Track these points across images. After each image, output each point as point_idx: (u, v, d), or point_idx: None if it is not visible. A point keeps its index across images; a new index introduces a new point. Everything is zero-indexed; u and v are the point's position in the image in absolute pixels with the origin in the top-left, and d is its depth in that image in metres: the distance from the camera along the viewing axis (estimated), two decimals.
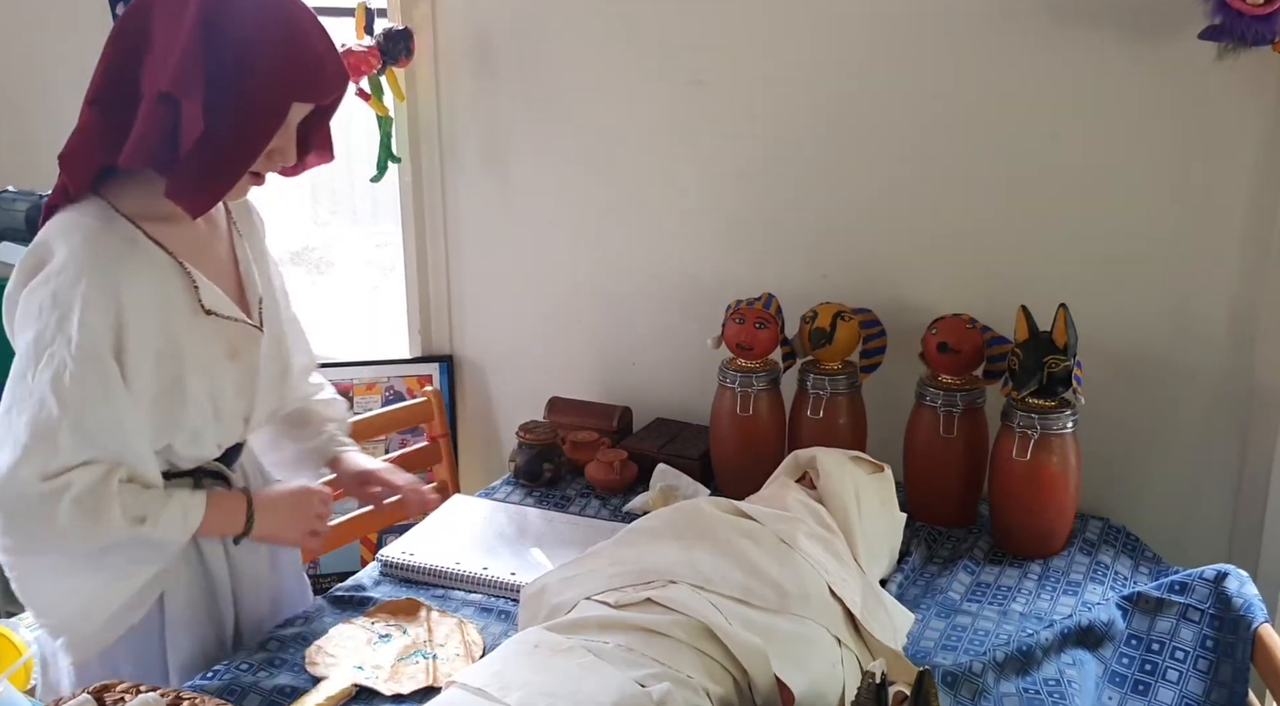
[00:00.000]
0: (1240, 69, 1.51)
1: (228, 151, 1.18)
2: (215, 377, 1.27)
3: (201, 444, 1.29)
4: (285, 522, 1.33)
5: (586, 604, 1.20)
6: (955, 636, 1.39)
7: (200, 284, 1.25)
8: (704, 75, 1.91)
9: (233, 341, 1.29)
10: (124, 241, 1.20)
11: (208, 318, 1.26)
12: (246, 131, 1.18)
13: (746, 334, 1.74)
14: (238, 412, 1.32)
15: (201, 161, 1.17)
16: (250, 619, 1.40)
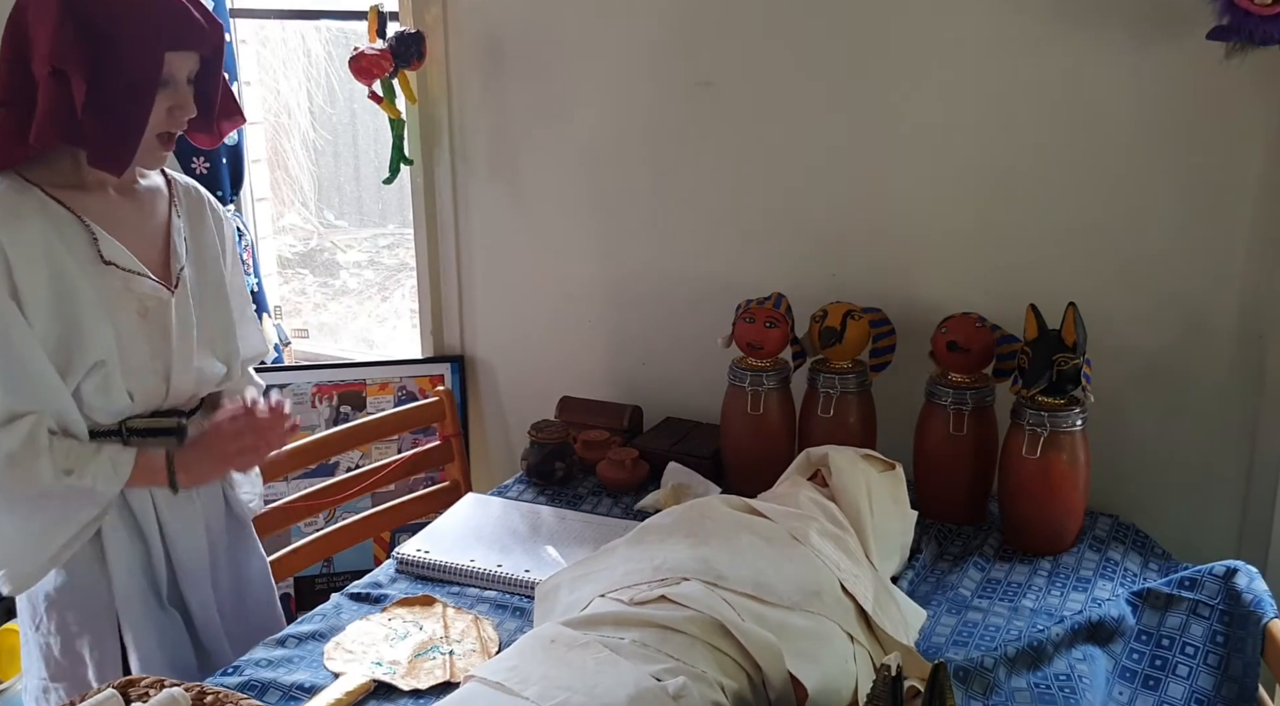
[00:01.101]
0: (1248, 69, 1.51)
1: (121, 111, 1.28)
2: (123, 329, 1.34)
3: (110, 391, 1.34)
4: (207, 463, 1.40)
5: (601, 601, 1.21)
6: (966, 632, 1.40)
7: (100, 237, 1.33)
8: (713, 76, 1.92)
9: (142, 299, 1.36)
10: (21, 200, 1.30)
11: (107, 268, 1.33)
12: (130, 88, 1.27)
13: (757, 333, 1.75)
14: (155, 372, 1.38)
15: (101, 125, 1.27)
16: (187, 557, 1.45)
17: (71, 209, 1.33)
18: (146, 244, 1.40)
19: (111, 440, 1.36)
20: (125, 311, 1.34)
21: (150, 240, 1.41)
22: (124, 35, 1.26)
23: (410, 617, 1.41)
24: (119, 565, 1.39)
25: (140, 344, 1.36)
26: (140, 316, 1.36)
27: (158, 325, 1.38)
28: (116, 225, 1.36)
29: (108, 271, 1.33)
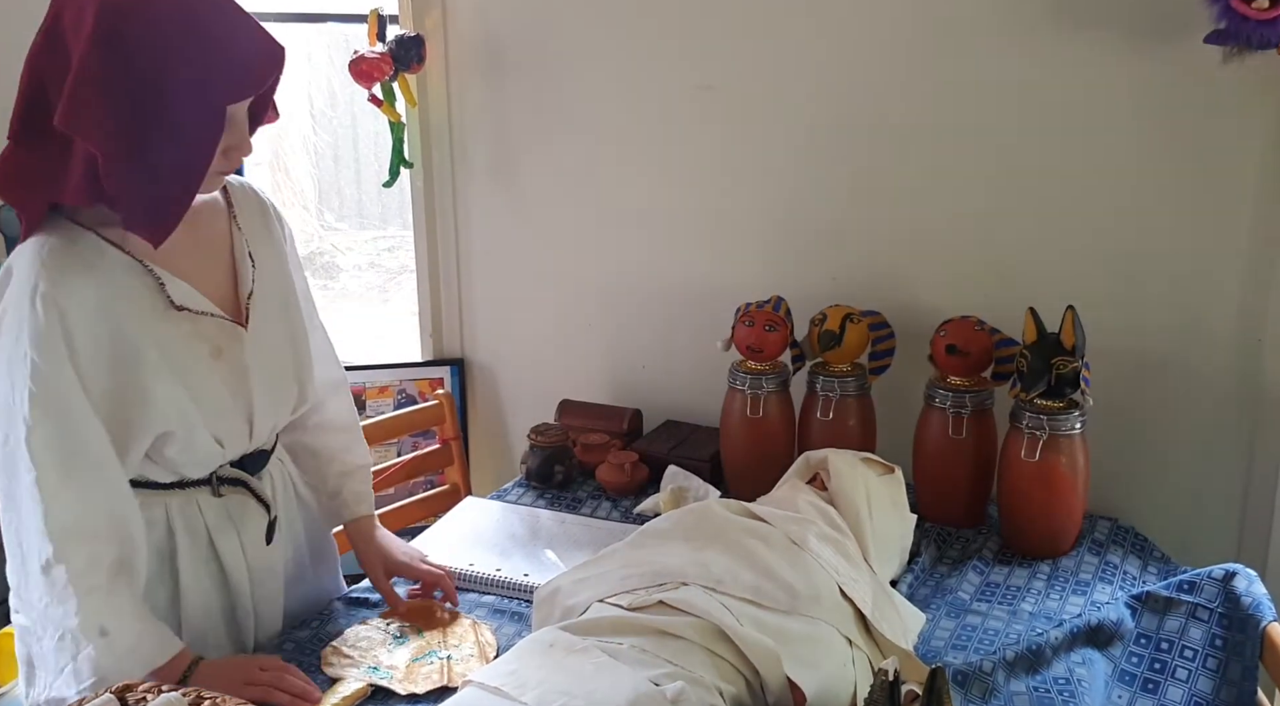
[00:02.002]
0: (1246, 73, 1.52)
1: (172, 174, 1.12)
2: (197, 377, 1.24)
3: (196, 446, 1.25)
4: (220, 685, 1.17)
5: (599, 606, 1.21)
6: (965, 636, 1.40)
7: (167, 281, 1.22)
8: (713, 80, 1.92)
9: (214, 339, 1.26)
10: (75, 250, 1.17)
11: (180, 314, 1.23)
12: (186, 150, 1.12)
13: (756, 336, 1.75)
14: (237, 412, 1.29)
15: (146, 191, 1.11)
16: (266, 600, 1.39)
17: (131, 253, 1.20)
18: (212, 276, 1.28)
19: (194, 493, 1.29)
20: (196, 357, 1.24)
21: (215, 270, 1.28)
22: (178, 93, 1.08)
23: (409, 622, 1.41)
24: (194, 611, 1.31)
25: (218, 388, 1.26)
26: (213, 358, 1.25)
27: (233, 364, 1.27)
28: (179, 261, 1.23)
29: (176, 318, 1.22)
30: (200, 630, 1.32)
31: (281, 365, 1.35)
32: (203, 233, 1.29)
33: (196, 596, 1.31)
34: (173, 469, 1.27)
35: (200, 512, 1.31)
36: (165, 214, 1.14)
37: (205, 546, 1.32)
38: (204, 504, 1.31)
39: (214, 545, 1.32)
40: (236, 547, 1.34)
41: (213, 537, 1.32)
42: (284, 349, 1.35)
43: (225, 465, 1.32)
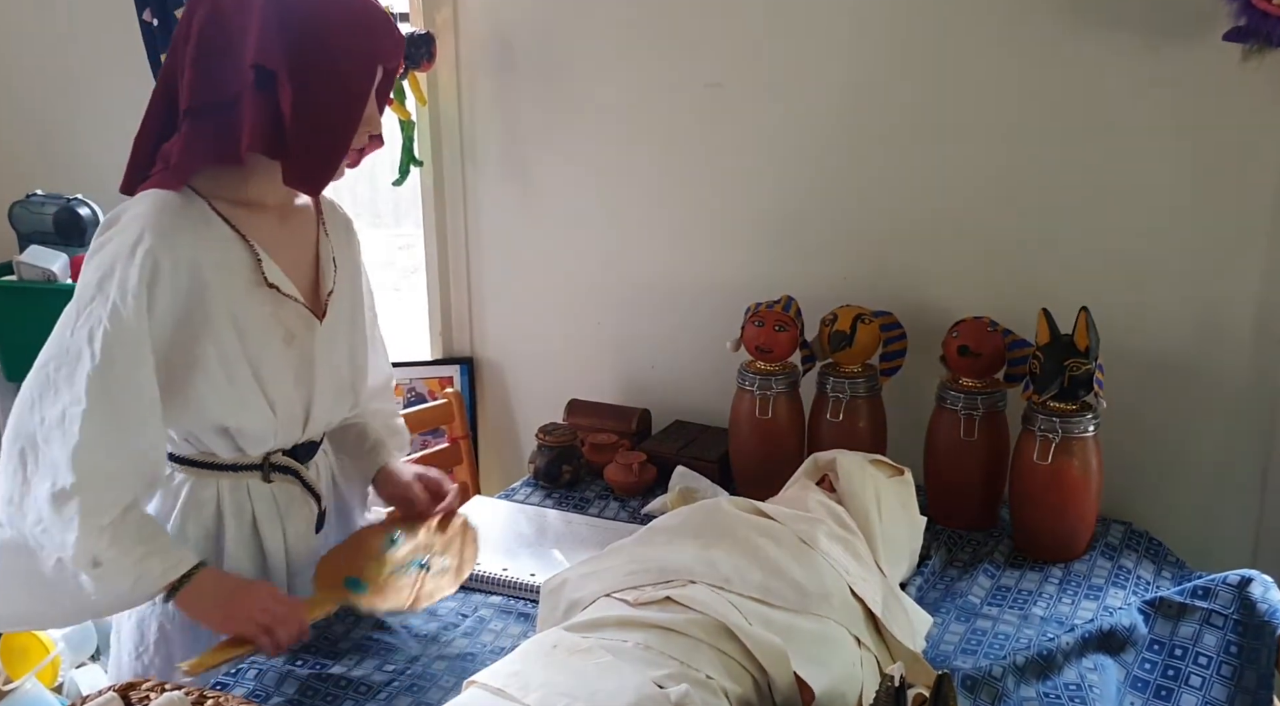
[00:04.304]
0: (1265, 70, 1.49)
1: (331, 123, 1.21)
2: (268, 357, 1.29)
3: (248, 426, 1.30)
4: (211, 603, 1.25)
5: (605, 602, 1.21)
6: (975, 640, 1.38)
7: (264, 259, 1.28)
8: (723, 78, 1.91)
9: (289, 326, 1.31)
10: (185, 212, 1.23)
11: (269, 290, 1.29)
12: (343, 99, 1.21)
13: (766, 336, 1.74)
14: (297, 400, 1.34)
15: (309, 139, 1.20)
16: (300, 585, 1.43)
17: (236, 226, 1.27)
18: (299, 269, 1.35)
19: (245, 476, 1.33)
20: (270, 338, 1.29)
21: (302, 265, 1.35)
22: (339, 42, 1.18)
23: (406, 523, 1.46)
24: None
25: (284, 372, 1.31)
26: (285, 344, 1.31)
27: (302, 353, 1.33)
28: (275, 247, 1.30)
29: (263, 296, 1.28)
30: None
31: (342, 365, 1.40)
32: (296, 231, 1.36)
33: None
34: (231, 446, 1.31)
35: (249, 498, 1.35)
36: (326, 162, 1.23)
37: (250, 532, 1.36)
38: (254, 489, 1.35)
39: (259, 532, 1.36)
40: (280, 536, 1.38)
41: (258, 524, 1.36)
42: (346, 352, 1.41)
43: (278, 452, 1.36)
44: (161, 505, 1.35)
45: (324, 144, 1.22)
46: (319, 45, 1.18)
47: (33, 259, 2.13)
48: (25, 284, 2.15)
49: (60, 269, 2.13)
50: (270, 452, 1.36)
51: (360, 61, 1.22)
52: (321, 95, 1.19)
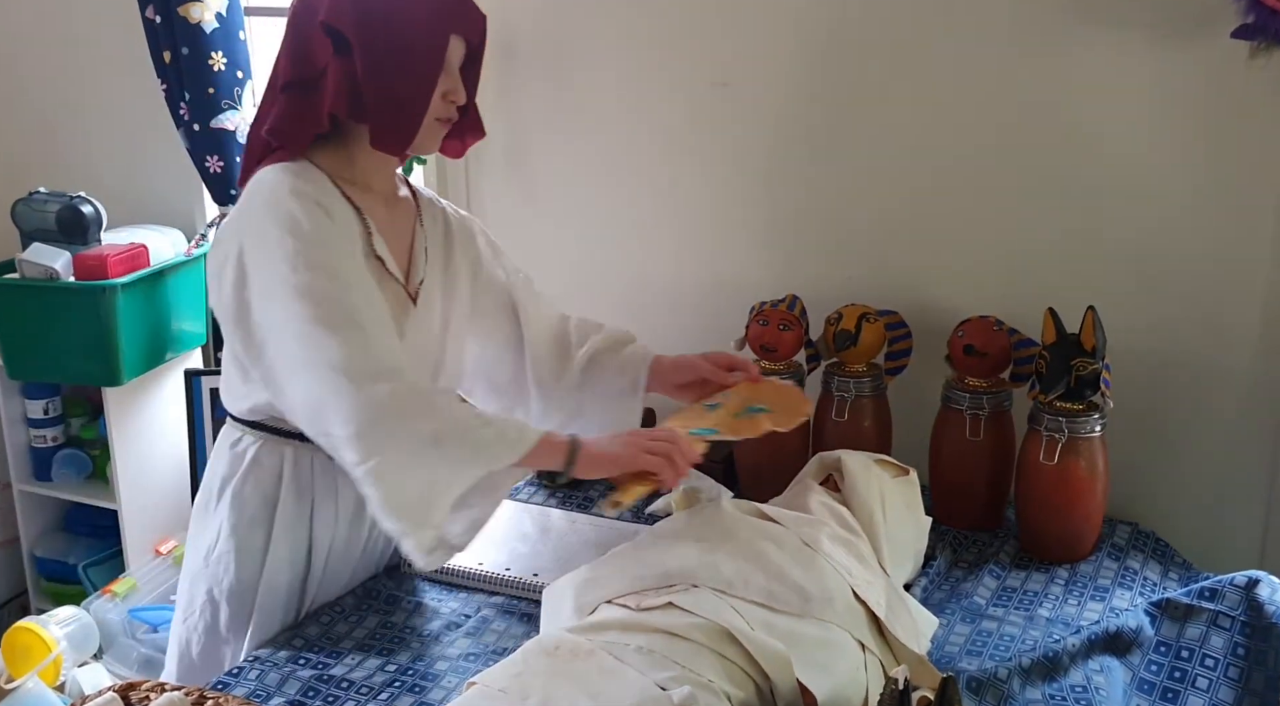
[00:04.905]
0: (1273, 68, 1.48)
1: (403, 86, 1.26)
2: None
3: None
4: (614, 448, 1.30)
5: (608, 607, 1.20)
6: (980, 641, 1.38)
7: (374, 233, 1.34)
8: (728, 77, 1.90)
9: (390, 303, 1.34)
10: (314, 176, 1.30)
11: (376, 262, 1.34)
12: (412, 65, 1.26)
13: (770, 336, 1.73)
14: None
15: (383, 99, 1.26)
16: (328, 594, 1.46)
17: (351, 199, 1.33)
18: (397, 254, 1.39)
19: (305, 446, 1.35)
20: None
21: (399, 251, 1.39)
22: (406, 11, 1.26)
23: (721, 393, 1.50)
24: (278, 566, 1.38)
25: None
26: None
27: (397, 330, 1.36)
28: (380, 228, 1.36)
29: (372, 267, 1.33)
30: (274, 585, 1.38)
31: (427, 356, 1.43)
32: (398, 219, 1.41)
33: (284, 550, 1.38)
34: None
35: (311, 470, 1.37)
36: (404, 123, 1.28)
37: (306, 505, 1.38)
38: (317, 463, 1.37)
39: (314, 505, 1.38)
40: (332, 513, 1.40)
41: (315, 497, 1.38)
42: (433, 344, 1.44)
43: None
44: (228, 466, 1.39)
45: (397, 102, 1.27)
46: (386, 14, 1.25)
47: (35, 257, 2.12)
48: (28, 282, 2.15)
49: (63, 266, 2.13)
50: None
51: (429, 24, 1.27)
52: (391, 53, 1.25)
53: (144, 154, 2.41)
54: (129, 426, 2.28)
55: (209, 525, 1.41)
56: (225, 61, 2.15)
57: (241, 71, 2.20)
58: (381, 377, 1.20)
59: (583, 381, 1.54)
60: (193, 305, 2.34)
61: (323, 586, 1.44)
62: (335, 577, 1.46)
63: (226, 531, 1.38)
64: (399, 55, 1.26)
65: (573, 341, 1.57)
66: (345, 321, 1.21)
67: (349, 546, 1.45)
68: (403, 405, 1.20)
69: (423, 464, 1.19)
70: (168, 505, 2.32)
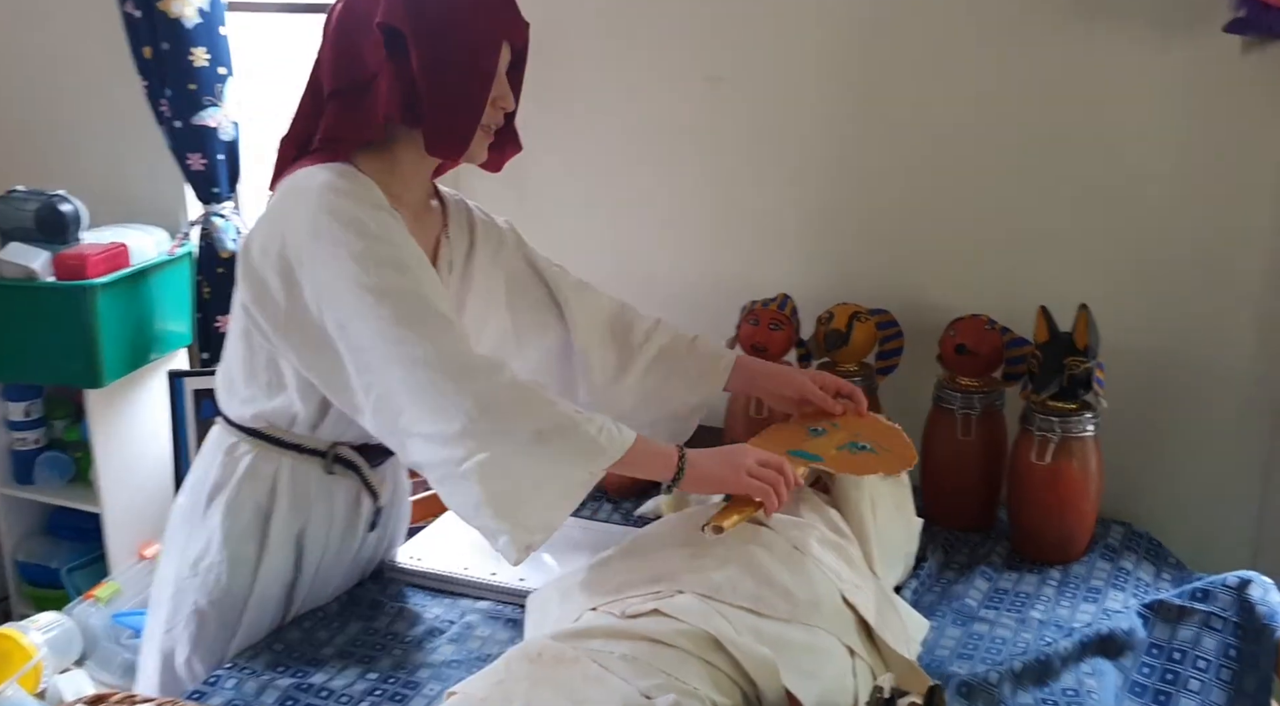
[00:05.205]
0: (1267, 63, 1.47)
1: (458, 88, 1.23)
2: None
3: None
4: (716, 465, 1.28)
5: (593, 614, 1.18)
6: (972, 644, 1.36)
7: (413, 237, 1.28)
8: (722, 72, 1.88)
9: None
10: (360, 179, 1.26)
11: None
12: (469, 68, 1.23)
13: (761, 335, 1.71)
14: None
15: (439, 101, 1.23)
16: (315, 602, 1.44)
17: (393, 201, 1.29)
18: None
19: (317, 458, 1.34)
20: None
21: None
22: (462, 11, 1.23)
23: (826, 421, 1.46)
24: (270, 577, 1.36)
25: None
26: None
27: None
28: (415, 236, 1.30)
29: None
30: (264, 596, 1.36)
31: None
32: (426, 230, 1.36)
33: (276, 561, 1.36)
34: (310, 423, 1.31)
35: (309, 483, 1.35)
36: (459, 125, 1.25)
37: (300, 518, 1.36)
38: (314, 477, 1.35)
39: (306, 522, 1.36)
40: (324, 529, 1.38)
41: (309, 514, 1.36)
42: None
43: (346, 445, 1.35)
44: (220, 472, 1.35)
45: (453, 103, 1.24)
46: (442, 5, 1.22)
47: (13, 256, 2.09)
48: (6, 282, 2.12)
49: (42, 266, 2.10)
50: (338, 443, 1.35)
51: (484, 27, 1.25)
52: (448, 55, 1.22)
53: (125, 152, 2.38)
54: (112, 428, 2.25)
55: (198, 533, 1.37)
56: (207, 57, 2.12)
57: (224, 67, 2.17)
58: (480, 372, 1.18)
59: (646, 380, 1.51)
60: (176, 305, 2.31)
61: (310, 595, 1.42)
62: (323, 586, 1.44)
63: (219, 541, 1.35)
64: (456, 54, 1.23)
65: (634, 342, 1.52)
66: (432, 316, 1.19)
67: (339, 557, 1.43)
68: (508, 400, 1.17)
69: (529, 461, 1.17)
70: (151, 508, 2.29)
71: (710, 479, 1.28)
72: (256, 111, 2.46)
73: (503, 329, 1.48)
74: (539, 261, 1.53)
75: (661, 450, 1.27)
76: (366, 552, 1.49)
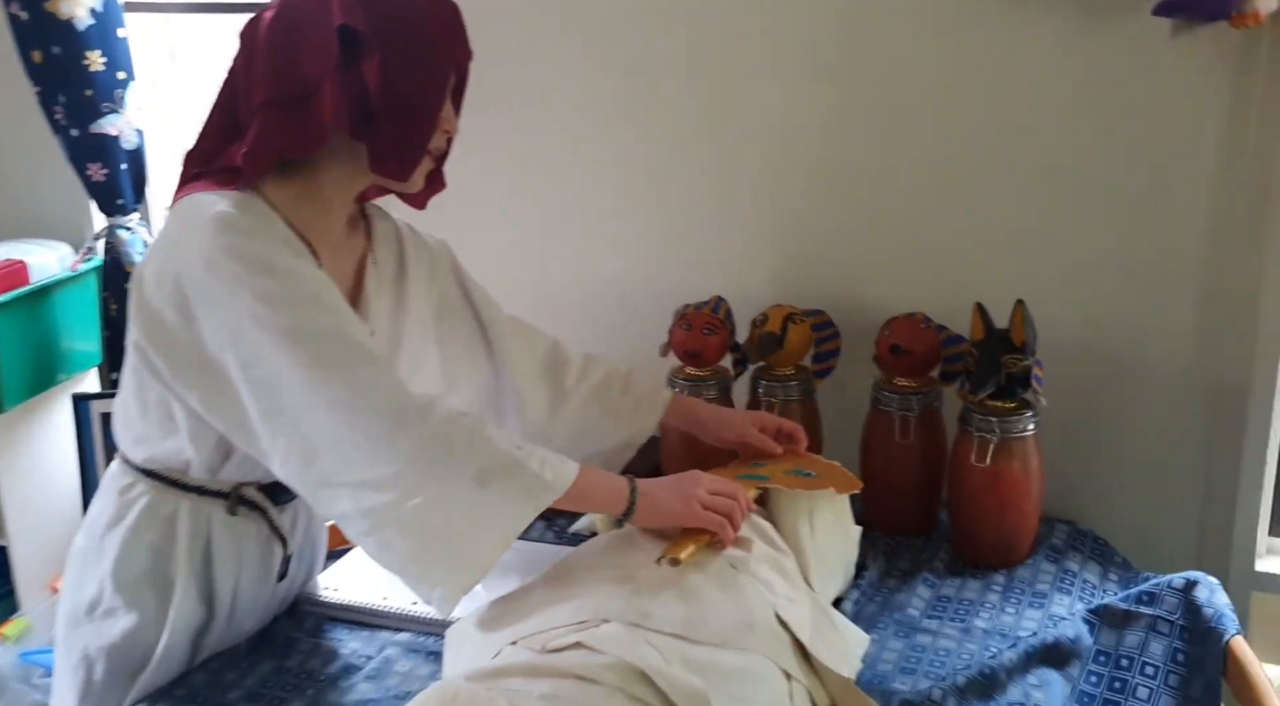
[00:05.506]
0: (1196, 45, 1.44)
1: (415, 104, 1.16)
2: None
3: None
4: (674, 502, 1.22)
5: (513, 649, 1.11)
6: (915, 657, 1.31)
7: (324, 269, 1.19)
8: (644, 66, 1.81)
9: None
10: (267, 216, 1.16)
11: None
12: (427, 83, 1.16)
13: (695, 341, 1.65)
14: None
15: (396, 113, 1.14)
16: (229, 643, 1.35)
17: (307, 239, 1.18)
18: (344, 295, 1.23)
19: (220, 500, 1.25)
20: None
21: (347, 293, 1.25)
22: (425, 13, 1.15)
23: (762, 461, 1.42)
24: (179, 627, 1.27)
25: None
26: None
27: None
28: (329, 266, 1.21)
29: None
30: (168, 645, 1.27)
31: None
32: (343, 257, 1.27)
33: (185, 607, 1.27)
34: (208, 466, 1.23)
35: (209, 527, 1.26)
36: (412, 145, 1.17)
37: (202, 564, 1.27)
38: (215, 520, 1.27)
39: (211, 565, 1.27)
40: (233, 576, 1.29)
41: (213, 557, 1.27)
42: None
43: (252, 486, 1.26)
44: (115, 511, 1.26)
45: (411, 117, 1.16)
46: (405, 13, 1.14)
47: None
48: None
49: None
50: (242, 484, 1.26)
51: (443, 40, 1.18)
52: (408, 63, 1.14)
53: (19, 163, 2.25)
54: (17, 456, 2.13)
55: (91, 575, 1.28)
56: (104, 61, 2.01)
57: (123, 72, 2.05)
58: (414, 410, 1.10)
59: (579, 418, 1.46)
60: (84, 323, 2.19)
61: (223, 639, 1.33)
62: (238, 629, 1.35)
63: (111, 586, 1.26)
64: (417, 64, 1.14)
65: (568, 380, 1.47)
66: (354, 354, 1.11)
67: (255, 600, 1.35)
68: (445, 439, 1.10)
69: (469, 504, 1.10)
70: (62, 539, 2.14)
71: (663, 512, 1.23)
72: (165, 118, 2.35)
73: (433, 366, 1.40)
74: (472, 290, 1.46)
75: (611, 482, 1.22)
76: (283, 591, 1.41)
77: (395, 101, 1.14)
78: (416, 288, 1.38)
